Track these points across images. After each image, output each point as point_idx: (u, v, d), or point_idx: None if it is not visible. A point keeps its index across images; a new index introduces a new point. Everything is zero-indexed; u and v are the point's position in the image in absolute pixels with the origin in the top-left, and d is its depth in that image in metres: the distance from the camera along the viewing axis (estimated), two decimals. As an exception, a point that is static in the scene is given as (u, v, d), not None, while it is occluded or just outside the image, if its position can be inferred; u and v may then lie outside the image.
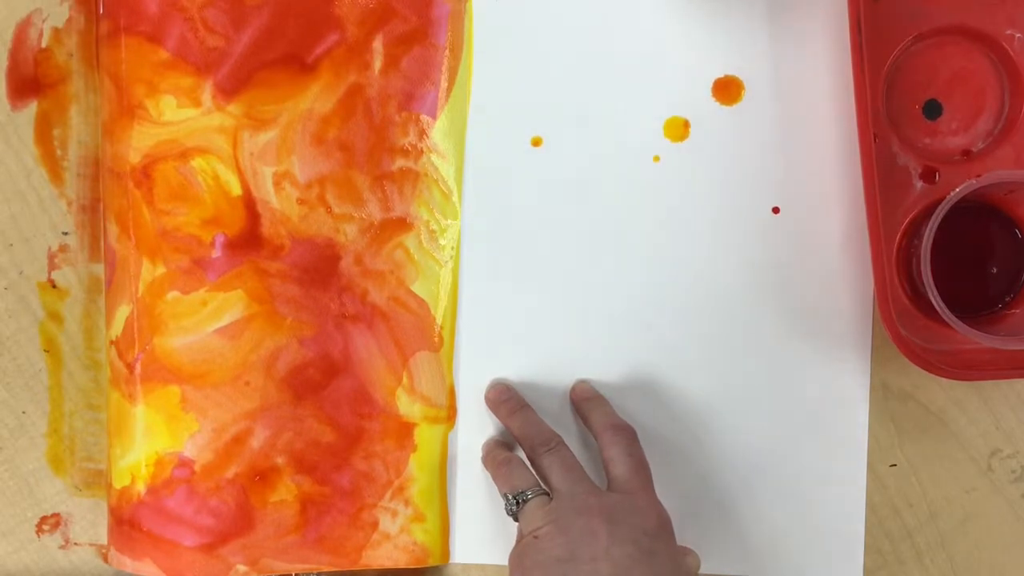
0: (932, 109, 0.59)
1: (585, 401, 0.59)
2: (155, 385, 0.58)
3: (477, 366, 0.60)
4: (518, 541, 0.54)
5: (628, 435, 0.57)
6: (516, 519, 0.55)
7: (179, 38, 0.58)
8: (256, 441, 0.59)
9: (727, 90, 0.60)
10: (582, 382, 0.60)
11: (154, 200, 0.58)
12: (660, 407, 0.60)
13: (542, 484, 0.56)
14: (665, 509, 0.55)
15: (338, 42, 0.58)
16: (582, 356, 0.60)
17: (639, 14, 0.60)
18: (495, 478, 0.58)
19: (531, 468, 0.57)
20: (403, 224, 0.59)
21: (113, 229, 0.59)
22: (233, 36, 0.58)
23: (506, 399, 0.59)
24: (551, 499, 0.54)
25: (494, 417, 0.60)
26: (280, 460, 0.59)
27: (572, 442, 0.59)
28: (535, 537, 0.53)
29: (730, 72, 0.60)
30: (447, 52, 0.59)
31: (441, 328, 0.60)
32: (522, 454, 0.58)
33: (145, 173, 0.58)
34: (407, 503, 0.59)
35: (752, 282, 0.60)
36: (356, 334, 0.59)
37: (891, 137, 0.58)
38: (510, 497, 0.55)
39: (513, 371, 0.60)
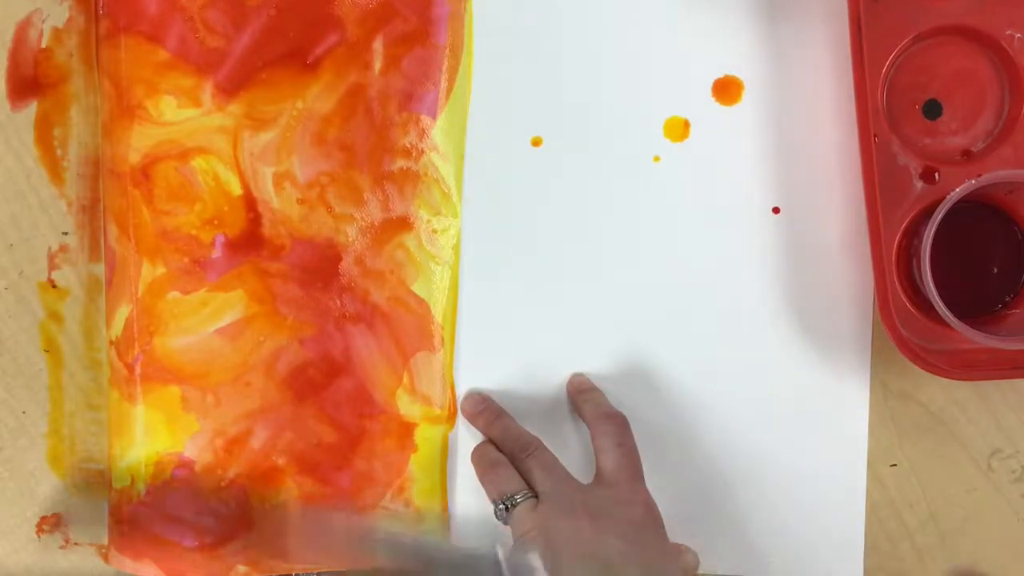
0: (932, 109, 0.59)
1: (580, 393, 0.59)
2: (155, 385, 0.58)
3: (477, 366, 0.60)
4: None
5: (618, 423, 0.57)
6: (506, 524, 0.55)
7: (179, 38, 0.58)
8: (257, 441, 0.59)
9: (727, 90, 0.60)
10: (578, 375, 0.60)
11: (154, 200, 0.58)
12: (660, 408, 0.60)
13: (530, 488, 0.56)
14: (652, 498, 0.55)
15: (338, 42, 0.58)
16: (582, 356, 0.60)
17: (639, 14, 0.60)
18: (483, 484, 0.58)
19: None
20: (403, 224, 0.59)
21: (113, 229, 0.59)
22: (233, 36, 0.58)
23: (482, 410, 0.59)
24: (539, 502, 0.54)
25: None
26: (281, 460, 0.59)
27: (568, 437, 0.59)
28: (524, 541, 0.53)
29: (730, 72, 0.60)
30: (447, 52, 0.59)
31: (441, 328, 0.60)
32: None
33: (145, 173, 0.58)
34: (407, 503, 0.59)
35: (752, 282, 0.60)
36: (356, 334, 0.59)
37: (891, 137, 0.58)
38: (498, 503, 0.55)
39: (513, 370, 0.60)
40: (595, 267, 0.60)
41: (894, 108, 0.59)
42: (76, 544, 0.61)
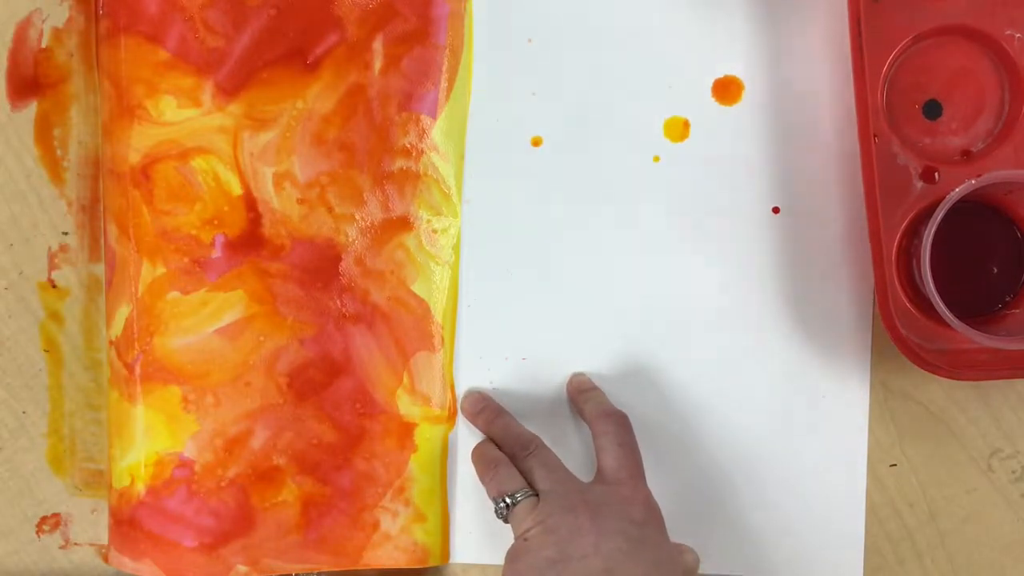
0: (932, 109, 0.59)
1: (580, 393, 0.59)
2: (155, 385, 0.58)
3: (477, 366, 0.60)
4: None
5: (618, 422, 0.57)
6: (507, 522, 0.55)
7: (179, 38, 0.58)
8: (257, 441, 0.59)
9: (727, 90, 0.60)
10: (578, 375, 0.60)
11: (154, 200, 0.58)
12: (659, 408, 0.60)
13: (530, 486, 0.56)
14: (653, 497, 0.55)
15: (338, 42, 0.58)
16: (582, 356, 0.60)
17: (639, 14, 0.60)
18: (483, 483, 0.58)
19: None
20: (403, 224, 0.59)
21: (113, 229, 0.59)
22: (233, 36, 0.58)
23: (482, 409, 0.59)
24: (539, 500, 0.54)
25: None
26: (281, 460, 0.59)
27: (569, 438, 0.59)
28: (525, 539, 0.53)
29: (730, 72, 0.60)
30: (447, 52, 0.59)
31: (441, 328, 0.60)
32: None
33: (145, 174, 0.58)
34: (407, 503, 0.59)
35: (752, 282, 0.60)
36: (357, 334, 0.59)
37: (891, 137, 0.58)
38: (499, 501, 0.55)
39: (513, 370, 0.60)
40: (595, 267, 0.60)
41: (894, 108, 0.59)
42: (76, 544, 0.61)
